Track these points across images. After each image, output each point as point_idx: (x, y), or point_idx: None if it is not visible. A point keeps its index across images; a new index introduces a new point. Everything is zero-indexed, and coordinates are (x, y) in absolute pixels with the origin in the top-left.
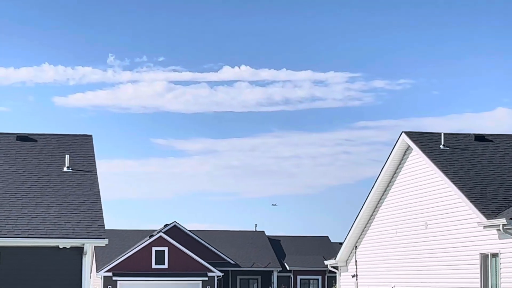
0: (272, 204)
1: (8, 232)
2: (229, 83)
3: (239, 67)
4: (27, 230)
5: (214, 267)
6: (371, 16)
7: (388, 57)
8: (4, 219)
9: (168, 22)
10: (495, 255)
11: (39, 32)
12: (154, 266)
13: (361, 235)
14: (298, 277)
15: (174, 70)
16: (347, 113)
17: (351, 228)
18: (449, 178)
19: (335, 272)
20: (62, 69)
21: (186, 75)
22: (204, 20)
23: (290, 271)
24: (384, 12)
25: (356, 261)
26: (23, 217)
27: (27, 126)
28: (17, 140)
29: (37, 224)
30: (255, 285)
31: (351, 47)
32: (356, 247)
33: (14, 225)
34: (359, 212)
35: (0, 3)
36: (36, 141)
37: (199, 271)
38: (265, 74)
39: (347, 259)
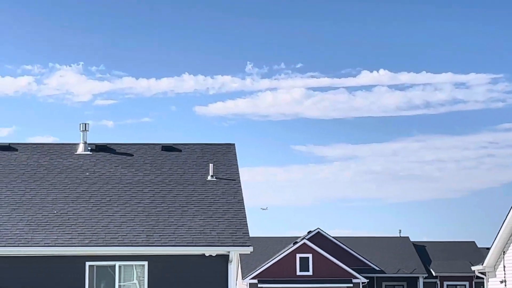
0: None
1: (155, 240)
2: (368, 87)
3: (377, 71)
4: (174, 239)
5: (358, 273)
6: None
7: None
8: (152, 228)
9: (305, 28)
10: None
11: (178, 43)
12: (298, 273)
13: (509, 240)
14: (445, 283)
15: (312, 76)
16: (490, 115)
17: (498, 233)
18: None
19: (483, 278)
20: (202, 79)
21: (324, 81)
22: (342, 25)
23: (436, 277)
24: None
25: (504, 267)
26: (170, 226)
27: (169, 136)
28: (162, 150)
29: (183, 233)
30: None
31: (492, 48)
32: (504, 252)
33: (161, 234)
34: (506, 216)
35: (141, 16)
36: (180, 150)
37: (343, 278)
38: (405, 77)
39: (495, 264)
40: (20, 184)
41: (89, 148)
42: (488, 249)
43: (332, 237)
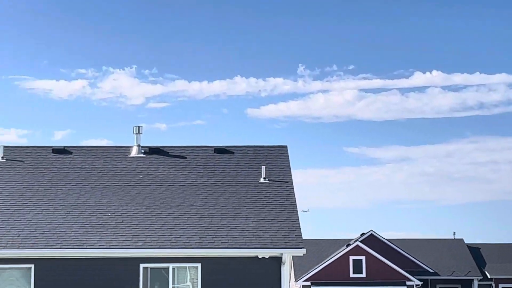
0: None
1: (208, 242)
2: (421, 89)
3: (430, 72)
4: (227, 241)
5: (412, 275)
6: None
7: None
8: (205, 230)
9: (357, 29)
10: None
11: (230, 46)
12: (351, 275)
13: None
14: (500, 286)
15: (364, 78)
16: None
17: None
18: None
19: None
20: (253, 81)
21: (377, 83)
22: (394, 26)
23: (491, 279)
24: None
25: None
26: (223, 228)
27: (222, 138)
28: (214, 152)
29: (236, 235)
30: None
31: None
32: None
33: (214, 236)
34: None
35: (193, 19)
36: (233, 153)
37: (397, 280)
38: (458, 78)
39: None
40: (75, 187)
41: (143, 151)
42: None
43: (385, 239)
